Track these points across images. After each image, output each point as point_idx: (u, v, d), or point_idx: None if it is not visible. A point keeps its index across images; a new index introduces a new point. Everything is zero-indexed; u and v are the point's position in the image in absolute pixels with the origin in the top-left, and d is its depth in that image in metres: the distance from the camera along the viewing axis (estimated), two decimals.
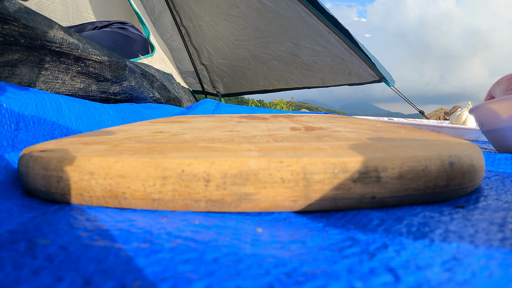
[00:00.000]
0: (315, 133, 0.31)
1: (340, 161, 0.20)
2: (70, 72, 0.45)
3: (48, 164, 0.21)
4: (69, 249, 0.14)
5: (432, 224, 0.17)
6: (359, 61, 1.66)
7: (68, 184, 0.20)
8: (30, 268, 0.13)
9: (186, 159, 0.20)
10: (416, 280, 0.12)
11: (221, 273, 0.12)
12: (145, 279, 0.12)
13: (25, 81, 0.38)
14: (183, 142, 0.25)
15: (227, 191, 0.19)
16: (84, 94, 0.50)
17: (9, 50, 0.35)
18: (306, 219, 0.19)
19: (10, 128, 0.31)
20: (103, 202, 0.20)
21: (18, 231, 0.16)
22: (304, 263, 0.13)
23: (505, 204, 0.21)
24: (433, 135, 0.30)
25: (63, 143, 0.25)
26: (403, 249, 0.14)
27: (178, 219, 0.18)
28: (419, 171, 0.20)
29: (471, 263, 0.13)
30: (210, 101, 1.14)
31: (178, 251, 0.14)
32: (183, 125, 0.40)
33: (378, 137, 0.28)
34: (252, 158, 0.20)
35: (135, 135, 0.29)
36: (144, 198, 0.20)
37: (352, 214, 0.19)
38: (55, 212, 0.19)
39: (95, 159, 0.20)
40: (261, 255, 0.14)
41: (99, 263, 0.13)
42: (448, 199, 0.22)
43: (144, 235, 0.15)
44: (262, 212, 0.20)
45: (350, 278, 0.12)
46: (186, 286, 0.11)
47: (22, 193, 0.23)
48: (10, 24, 0.33)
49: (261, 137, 0.28)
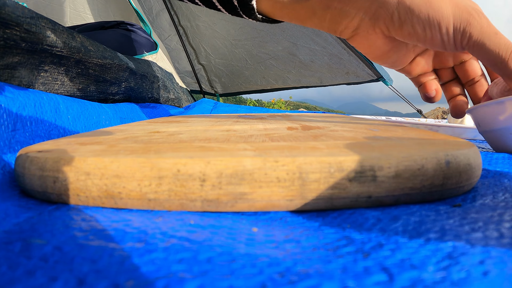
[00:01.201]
0: (311, 132, 0.31)
1: (336, 160, 0.20)
2: (69, 73, 0.45)
3: (44, 164, 0.21)
4: (64, 249, 0.14)
5: (428, 223, 0.17)
6: (356, 60, 1.66)
7: (64, 185, 0.20)
8: (25, 268, 0.13)
9: (181, 159, 0.20)
10: (411, 279, 0.12)
11: (214, 272, 0.12)
12: (138, 278, 0.12)
13: (24, 83, 0.38)
14: (180, 142, 0.25)
15: (223, 190, 0.19)
16: (82, 95, 0.50)
17: (9, 54, 0.35)
18: (302, 218, 0.19)
19: (7, 128, 0.31)
20: (99, 202, 0.20)
21: (14, 232, 0.16)
22: (298, 263, 0.13)
23: (501, 203, 0.21)
24: (431, 134, 0.30)
25: (60, 144, 0.25)
26: (398, 248, 0.14)
27: (173, 219, 0.18)
28: (415, 170, 0.20)
29: (467, 262, 0.13)
30: (208, 101, 1.14)
31: (172, 251, 0.14)
32: (180, 125, 0.40)
33: (374, 136, 0.28)
34: (247, 157, 0.20)
35: (132, 135, 0.29)
36: (140, 198, 0.20)
37: (348, 213, 0.19)
38: (51, 213, 0.19)
39: (91, 159, 0.20)
40: (255, 255, 0.14)
41: (93, 263, 0.13)
42: (444, 198, 0.22)
43: (139, 234, 0.15)
44: (258, 212, 0.20)
45: (344, 277, 0.12)
46: (179, 286, 0.11)
47: (19, 193, 0.23)
48: (12, 29, 0.33)
49: (258, 137, 0.28)
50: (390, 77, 1.75)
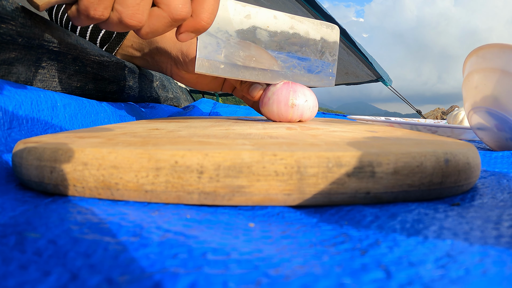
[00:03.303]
0: (310, 132, 0.31)
1: (334, 155, 0.19)
2: (67, 71, 0.45)
3: (42, 154, 0.21)
4: (58, 243, 0.14)
5: (426, 221, 0.17)
6: (356, 60, 1.66)
7: (61, 175, 0.20)
8: (18, 262, 0.13)
9: (179, 150, 0.19)
10: (408, 276, 0.12)
11: (209, 268, 0.12)
12: (132, 273, 0.12)
13: (22, 80, 0.38)
14: (178, 137, 0.25)
15: (220, 183, 0.19)
16: (80, 93, 0.50)
17: (6, 49, 0.34)
18: (300, 214, 0.19)
19: (3, 127, 0.31)
20: (96, 193, 0.20)
21: (9, 225, 0.16)
22: (294, 259, 0.13)
23: (500, 202, 0.21)
24: (430, 136, 0.30)
25: (58, 137, 0.25)
26: (396, 245, 0.14)
27: (169, 213, 0.18)
28: (414, 167, 0.20)
29: (465, 260, 0.13)
30: (207, 101, 1.14)
31: (167, 246, 0.14)
32: (180, 123, 0.40)
33: (373, 136, 0.28)
34: (246, 151, 0.19)
35: (131, 131, 0.29)
36: (136, 189, 0.19)
37: (346, 210, 0.19)
38: (47, 205, 0.19)
39: (89, 149, 0.20)
40: (250, 251, 0.14)
41: (87, 257, 0.13)
42: (443, 197, 0.22)
43: (134, 228, 0.15)
44: (255, 207, 0.20)
45: (340, 274, 0.12)
46: (172, 281, 0.11)
47: (15, 187, 0.23)
48: (8, 23, 0.32)
49: (257, 134, 0.28)
50: (389, 78, 1.75)
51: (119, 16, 0.30)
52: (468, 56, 0.44)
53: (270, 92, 0.46)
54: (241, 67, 0.44)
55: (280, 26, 0.46)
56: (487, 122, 0.44)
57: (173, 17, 0.32)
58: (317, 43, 0.49)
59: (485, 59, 0.41)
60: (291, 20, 0.47)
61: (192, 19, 0.34)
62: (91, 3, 0.29)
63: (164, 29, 0.33)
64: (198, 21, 0.34)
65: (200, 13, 0.34)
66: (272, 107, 0.45)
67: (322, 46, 0.49)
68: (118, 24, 0.31)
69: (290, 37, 0.46)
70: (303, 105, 0.44)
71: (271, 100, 0.45)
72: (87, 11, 0.30)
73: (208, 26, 0.35)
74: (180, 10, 0.32)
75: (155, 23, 0.32)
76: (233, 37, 0.43)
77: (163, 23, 0.32)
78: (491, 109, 0.42)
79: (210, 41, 0.42)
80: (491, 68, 0.40)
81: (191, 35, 0.36)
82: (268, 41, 0.45)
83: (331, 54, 0.50)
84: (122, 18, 0.30)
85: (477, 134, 0.49)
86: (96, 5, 0.29)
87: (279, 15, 0.46)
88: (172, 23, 0.33)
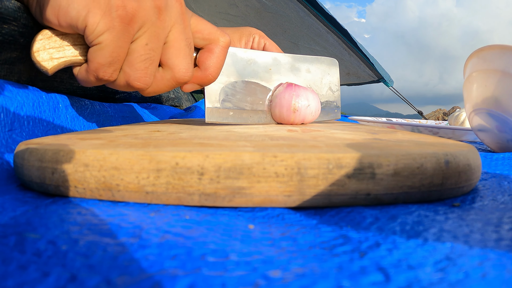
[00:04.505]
0: (311, 134, 0.31)
1: (334, 156, 0.20)
2: (68, 70, 0.45)
3: (43, 155, 0.21)
4: (57, 243, 0.14)
5: (426, 223, 0.17)
6: (357, 61, 1.66)
7: (63, 176, 0.20)
8: (18, 263, 0.13)
9: (180, 152, 0.19)
10: (407, 279, 0.12)
11: (207, 269, 0.12)
12: (130, 274, 0.12)
13: (23, 80, 0.38)
14: (179, 139, 0.25)
15: (221, 184, 0.19)
16: (82, 93, 0.50)
17: (8, 49, 0.34)
18: (300, 215, 0.19)
19: (4, 128, 0.31)
20: (97, 194, 0.20)
21: (9, 225, 0.16)
22: (292, 261, 0.13)
23: (501, 205, 0.21)
24: (431, 137, 0.30)
25: (60, 138, 0.25)
26: (396, 248, 0.14)
27: (169, 214, 0.18)
28: (414, 168, 0.20)
29: (465, 263, 0.13)
30: None
31: (166, 247, 0.14)
32: (181, 125, 0.40)
33: (374, 138, 0.28)
34: (246, 152, 0.20)
35: (132, 133, 0.29)
36: (137, 190, 0.19)
37: (346, 211, 0.19)
38: (48, 206, 0.19)
39: (90, 151, 0.20)
40: (249, 252, 0.14)
41: (86, 258, 0.13)
42: (443, 199, 0.22)
43: (133, 229, 0.15)
44: (255, 208, 0.20)
45: (339, 276, 0.12)
46: (171, 283, 0.11)
47: (17, 188, 0.23)
48: (10, 24, 0.32)
49: (258, 136, 0.28)
50: (391, 78, 1.74)
51: (127, 78, 0.31)
52: (469, 58, 0.44)
53: (273, 94, 0.46)
54: (250, 112, 0.44)
55: (282, 66, 0.47)
56: (488, 123, 0.44)
57: (177, 80, 0.33)
58: (319, 79, 0.50)
59: (486, 61, 0.41)
60: (292, 61, 0.47)
61: (200, 72, 0.35)
62: (102, 65, 0.29)
63: (168, 89, 0.34)
64: (206, 75, 0.35)
65: (208, 67, 0.35)
66: (274, 110, 0.45)
67: (324, 82, 0.50)
68: (125, 85, 0.31)
69: (292, 76, 0.47)
70: (305, 110, 0.44)
71: (273, 102, 0.45)
72: (96, 72, 0.30)
73: (214, 80, 0.36)
74: (184, 74, 0.32)
75: (159, 84, 0.33)
76: (238, 83, 0.43)
77: (167, 85, 0.33)
78: (492, 110, 0.42)
79: (217, 89, 0.42)
80: (492, 69, 0.40)
81: (196, 86, 0.36)
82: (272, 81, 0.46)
83: (334, 88, 0.51)
84: (130, 81, 0.31)
85: (478, 135, 0.49)
86: (106, 67, 0.29)
87: (279, 57, 0.47)
88: (176, 84, 0.33)
